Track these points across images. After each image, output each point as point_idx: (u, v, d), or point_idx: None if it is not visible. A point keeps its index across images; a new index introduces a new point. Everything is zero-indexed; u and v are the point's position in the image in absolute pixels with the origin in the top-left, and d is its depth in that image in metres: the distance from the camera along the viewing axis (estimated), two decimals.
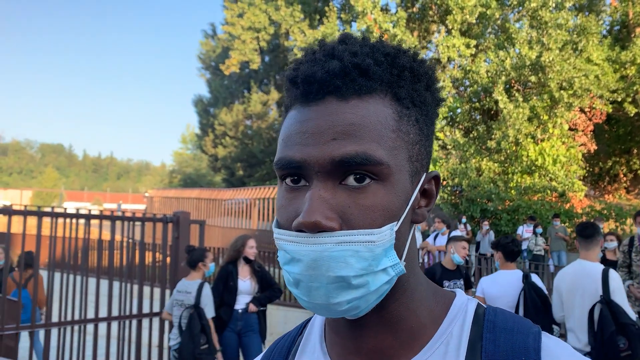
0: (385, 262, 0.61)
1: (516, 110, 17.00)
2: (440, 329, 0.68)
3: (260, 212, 18.66)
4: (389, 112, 0.63)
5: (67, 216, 5.41)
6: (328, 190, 0.60)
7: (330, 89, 0.62)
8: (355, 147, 0.59)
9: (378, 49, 0.66)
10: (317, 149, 0.60)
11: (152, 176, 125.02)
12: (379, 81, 0.63)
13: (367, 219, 0.60)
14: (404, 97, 0.65)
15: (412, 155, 0.66)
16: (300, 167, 0.62)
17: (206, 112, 37.06)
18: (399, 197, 0.63)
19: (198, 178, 45.75)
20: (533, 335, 0.66)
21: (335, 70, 0.62)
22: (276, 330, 8.71)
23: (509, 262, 4.45)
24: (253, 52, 29.65)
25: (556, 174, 17.35)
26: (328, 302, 0.60)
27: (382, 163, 0.60)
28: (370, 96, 0.63)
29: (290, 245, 0.61)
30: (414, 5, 21.87)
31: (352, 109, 0.61)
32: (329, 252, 0.58)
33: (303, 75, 0.63)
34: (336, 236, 0.59)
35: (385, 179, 0.61)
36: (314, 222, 0.58)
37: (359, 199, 0.60)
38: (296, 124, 0.64)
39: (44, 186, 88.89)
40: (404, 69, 0.65)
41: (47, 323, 5.20)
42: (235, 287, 5.26)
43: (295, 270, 0.61)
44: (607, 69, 17.88)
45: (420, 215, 0.69)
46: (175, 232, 6.28)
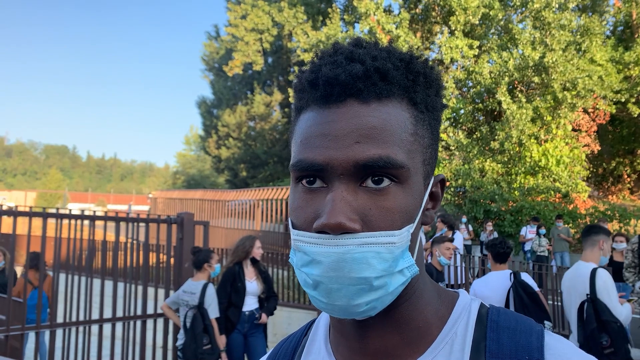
0: (402, 264, 0.62)
1: (519, 111, 16.97)
2: (444, 329, 0.69)
3: (264, 213, 18.67)
4: (406, 116, 0.65)
5: (72, 217, 5.43)
6: (350, 192, 0.61)
7: (352, 92, 0.63)
8: (378, 150, 0.60)
9: (394, 53, 0.67)
10: (340, 152, 0.61)
11: (155, 177, 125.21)
12: (397, 85, 0.65)
13: (387, 220, 0.61)
14: (419, 101, 0.67)
15: (426, 159, 0.68)
16: (322, 170, 0.62)
17: (209, 113, 37.12)
18: (415, 199, 0.65)
19: (201, 179, 45.80)
20: (536, 334, 0.66)
21: (358, 73, 0.62)
22: (280, 331, 8.72)
23: (498, 264, 4.51)
24: (256, 54, 29.69)
25: (560, 175, 17.31)
26: (348, 304, 0.61)
27: (404, 166, 0.62)
28: (389, 100, 0.64)
29: (310, 247, 0.61)
30: (417, 6, 21.87)
31: (374, 112, 0.62)
32: (351, 254, 0.59)
33: (325, 77, 0.63)
34: (359, 237, 0.59)
35: (404, 181, 0.63)
36: (338, 224, 0.58)
37: (379, 200, 0.61)
38: (316, 125, 0.64)
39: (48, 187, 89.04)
40: (419, 74, 0.67)
41: (52, 324, 5.22)
42: (243, 288, 5.27)
43: (315, 272, 0.61)
44: (611, 70, 17.85)
45: (429, 217, 0.70)
46: (180, 233, 6.29)
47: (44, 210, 5.14)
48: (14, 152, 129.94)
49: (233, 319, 5.22)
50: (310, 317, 8.68)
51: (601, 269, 3.79)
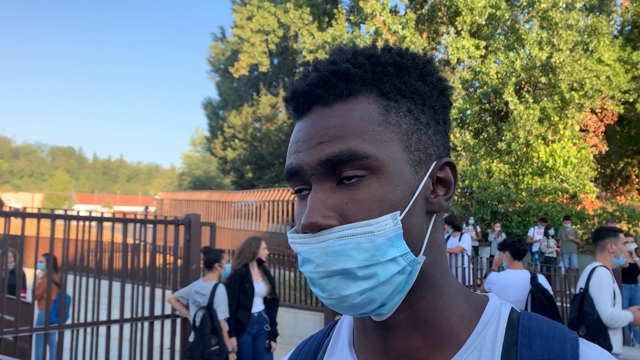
0: (392, 252, 0.62)
1: (527, 112, 16.90)
2: (473, 334, 0.67)
3: (270, 214, 18.68)
4: (373, 108, 0.66)
5: (80, 219, 5.44)
6: (325, 192, 0.64)
7: (313, 99, 0.67)
8: (339, 145, 0.63)
9: (362, 53, 0.69)
10: (307, 154, 0.65)
11: (161, 179, 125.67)
12: (360, 82, 0.66)
13: (364, 212, 0.62)
14: (389, 91, 0.67)
15: (410, 145, 0.66)
16: (297, 173, 0.66)
17: (215, 114, 37.18)
18: (397, 187, 0.64)
19: (207, 180, 45.89)
20: (570, 342, 0.64)
21: (314, 81, 0.66)
22: (287, 333, 8.71)
23: (516, 261, 4.53)
24: (262, 55, 29.72)
25: (567, 176, 17.22)
26: (340, 295, 0.62)
27: (369, 156, 0.63)
28: (354, 97, 0.66)
29: (300, 247, 0.64)
30: (423, 6, 21.82)
31: (336, 112, 0.65)
32: (331, 248, 0.61)
33: (290, 92, 0.70)
34: (336, 232, 0.61)
35: (377, 171, 0.63)
36: (311, 223, 0.62)
37: (354, 194, 0.63)
38: (293, 137, 0.69)
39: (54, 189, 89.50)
40: (387, 65, 0.67)
41: (60, 325, 5.23)
42: (252, 289, 5.29)
43: (308, 269, 0.64)
44: (619, 70, 17.74)
45: (437, 204, 0.68)
46: (187, 234, 6.29)
47: (52, 211, 5.15)
48: (21, 153, 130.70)
49: (243, 321, 5.23)
50: (317, 318, 8.66)
51: (601, 268, 3.86)
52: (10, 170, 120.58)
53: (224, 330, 5.03)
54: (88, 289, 5.55)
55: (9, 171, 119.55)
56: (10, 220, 4.89)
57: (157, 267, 6.46)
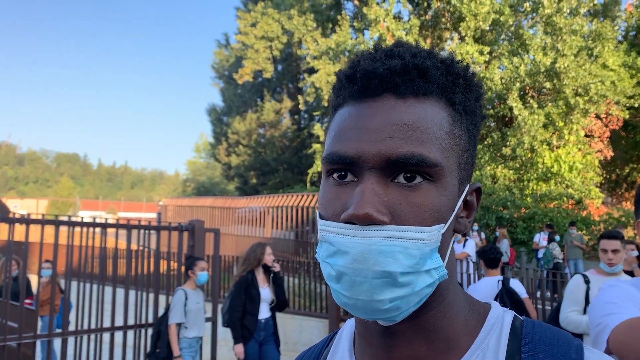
0: (429, 264, 0.61)
1: (531, 117, 16.86)
2: (476, 341, 0.66)
3: (274, 220, 18.65)
4: (443, 115, 0.64)
5: (84, 225, 5.44)
6: (380, 186, 0.61)
7: (389, 86, 0.63)
8: (411, 147, 0.60)
9: (434, 55, 0.67)
10: (372, 146, 0.60)
11: (165, 185, 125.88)
12: (436, 84, 0.64)
13: (417, 217, 0.60)
14: (457, 103, 0.66)
15: (462, 162, 0.67)
16: (353, 163, 0.62)
17: (220, 121, 37.23)
18: (448, 199, 0.63)
19: (211, 186, 45.90)
20: (575, 348, 0.64)
21: (396, 67, 0.62)
22: (291, 340, 8.67)
23: (491, 269, 4.61)
24: (266, 61, 29.78)
25: (572, 181, 17.15)
26: (371, 299, 0.59)
27: (437, 165, 0.61)
28: (426, 97, 0.64)
29: (336, 237, 0.60)
30: (427, 12, 21.84)
31: (409, 108, 0.62)
32: (377, 246, 0.58)
33: (363, 71, 0.64)
34: (387, 230, 0.58)
35: (437, 179, 0.62)
36: (366, 214, 0.58)
37: (410, 196, 0.61)
38: (350, 119, 0.64)
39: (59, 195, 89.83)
40: (459, 76, 0.67)
41: (64, 332, 5.22)
42: (258, 295, 5.28)
43: (340, 263, 0.59)
44: (624, 75, 17.69)
45: (462, 225, 0.69)
46: (191, 240, 6.28)
47: (56, 218, 5.15)
48: (26, 160, 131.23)
49: (250, 327, 5.20)
50: (321, 325, 8.62)
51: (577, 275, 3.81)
52: (16, 176, 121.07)
53: (170, 336, 5.00)
54: (92, 295, 5.54)
55: (14, 178, 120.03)
56: (14, 226, 4.89)
57: (161, 273, 6.45)
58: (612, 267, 3.62)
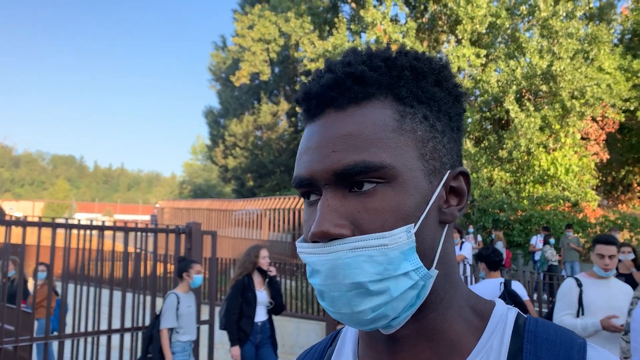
0: (406, 266, 0.59)
1: (527, 120, 16.91)
2: (480, 342, 0.65)
3: (271, 222, 18.65)
4: (388, 113, 0.63)
5: (80, 227, 5.43)
6: (337, 199, 0.61)
7: (327, 101, 0.64)
8: (354, 156, 0.60)
9: (377, 55, 0.66)
10: (319, 164, 0.62)
11: (162, 187, 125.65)
12: (376, 85, 0.64)
13: (377, 222, 0.60)
14: (405, 96, 0.65)
15: (425, 153, 0.64)
16: (310, 184, 0.63)
17: (216, 123, 37.22)
18: (412, 196, 0.62)
19: (208, 189, 45.83)
20: (577, 346, 0.63)
21: (329, 82, 0.63)
22: (288, 342, 8.66)
23: (492, 272, 4.63)
24: (263, 64, 29.79)
25: (569, 184, 17.21)
26: (352, 311, 0.59)
27: (384, 166, 0.60)
28: (368, 101, 0.63)
29: (309, 257, 0.62)
30: (424, 15, 21.90)
31: (350, 118, 0.62)
32: (342, 260, 0.58)
33: (302, 94, 0.66)
34: (348, 242, 0.59)
35: (392, 179, 0.61)
36: (322, 231, 0.59)
37: (367, 203, 0.60)
38: (304, 142, 0.66)
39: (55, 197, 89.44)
40: (404, 68, 0.65)
41: (61, 335, 5.20)
42: (254, 298, 5.26)
43: (317, 281, 0.61)
44: (619, 78, 17.77)
45: (450, 214, 0.66)
46: (188, 243, 6.27)
47: (53, 220, 5.14)
48: (22, 162, 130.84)
49: (246, 330, 5.19)
50: (319, 327, 8.61)
51: (568, 278, 3.80)
52: (11, 178, 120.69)
53: (162, 340, 4.96)
54: (89, 298, 5.53)
55: (10, 180, 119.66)
56: (11, 229, 4.88)
57: (158, 276, 6.43)
58: (607, 272, 3.63)
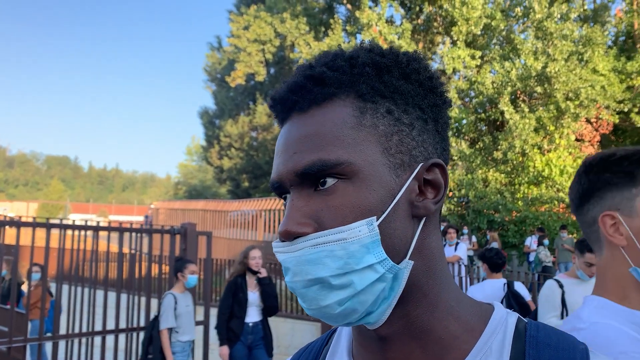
0: (369, 259, 0.59)
1: (522, 121, 16.96)
2: (478, 343, 0.64)
3: (266, 223, 18.63)
4: (347, 111, 0.64)
5: (75, 228, 5.41)
6: (302, 199, 0.63)
7: (290, 105, 0.66)
8: (311, 156, 0.62)
9: (342, 55, 0.67)
10: (284, 166, 0.64)
11: (157, 188, 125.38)
12: (336, 85, 0.64)
13: (337, 218, 0.61)
14: (365, 92, 0.65)
15: (390, 147, 0.64)
16: (279, 186, 0.66)
17: (212, 123, 37.18)
18: (374, 191, 0.61)
19: (203, 190, 45.77)
20: (580, 352, 0.63)
21: (290, 86, 0.66)
22: (283, 343, 8.65)
23: (494, 273, 4.71)
24: (259, 64, 29.77)
25: (563, 185, 17.26)
26: (319, 306, 0.61)
27: (341, 162, 0.61)
28: (330, 101, 0.64)
29: (280, 255, 0.64)
30: (419, 17, 21.95)
31: (309, 120, 0.64)
32: (306, 256, 0.60)
33: (270, 100, 0.69)
34: (310, 239, 0.60)
35: (352, 176, 0.61)
36: (285, 231, 0.61)
37: (329, 200, 0.62)
38: (276, 146, 0.68)
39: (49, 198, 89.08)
40: (365, 65, 0.65)
41: (55, 335, 5.18)
42: (245, 299, 5.26)
43: (288, 279, 0.63)
44: (613, 80, 17.85)
45: (423, 207, 0.65)
46: (183, 243, 6.26)
47: (48, 220, 5.11)
48: (16, 162, 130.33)
49: (236, 330, 5.20)
50: (313, 328, 8.61)
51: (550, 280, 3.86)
52: (5, 179, 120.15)
53: (163, 341, 4.97)
54: (83, 299, 5.51)
55: (4, 180, 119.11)
56: (4, 229, 4.86)
57: (153, 276, 6.42)
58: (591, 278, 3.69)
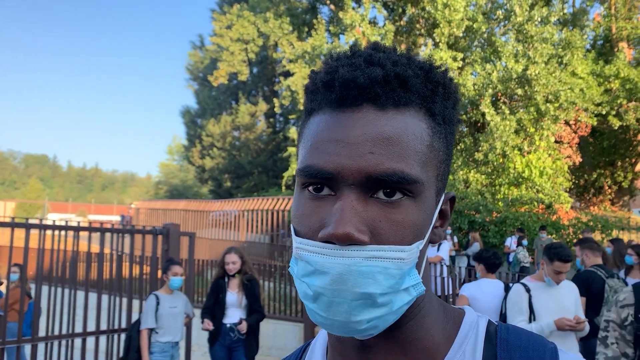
0: (408, 281, 0.59)
1: (503, 123, 17.16)
2: (452, 349, 0.65)
3: (249, 223, 18.55)
4: (424, 127, 0.61)
5: (55, 228, 5.33)
6: (360, 202, 0.58)
7: (369, 97, 0.59)
8: (393, 164, 0.57)
9: (413, 61, 0.64)
10: (352, 161, 0.57)
11: (137, 187, 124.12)
12: (417, 94, 0.61)
13: (398, 234, 0.58)
14: (437, 113, 0.64)
15: (439, 174, 0.65)
16: (332, 179, 0.58)
17: (194, 123, 36.95)
18: (426, 214, 0.61)
19: (184, 189, 45.45)
20: (550, 352, 0.64)
21: (377, 77, 0.59)
22: (266, 344, 8.62)
23: (489, 273, 4.73)
24: (241, 64, 29.68)
25: (543, 186, 17.50)
26: (348, 320, 0.57)
27: (418, 181, 0.59)
28: (407, 108, 0.61)
29: (314, 256, 0.57)
30: (402, 18, 22.08)
31: (390, 121, 0.59)
32: (357, 267, 0.55)
33: (342, 79, 0.60)
34: (367, 250, 0.56)
35: (417, 195, 0.60)
36: (346, 234, 0.55)
37: (390, 213, 0.58)
38: (327, 130, 0.60)
39: (27, 197, 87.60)
40: (438, 84, 0.64)
41: (34, 337, 5.10)
42: (223, 301, 5.24)
43: (318, 284, 0.57)
44: (592, 83, 18.16)
45: (437, 235, 0.67)
46: (165, 244, 6.21)
47: (27, 220, 5.03)
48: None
49: (215, 331, 5.19)
50: (296, 329, 8.60)
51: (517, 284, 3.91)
52: None
53: (141, 341, 4.96)
54: (63, 300, 5.43)
55: None
56: None
57: (134, 277, 6.36)
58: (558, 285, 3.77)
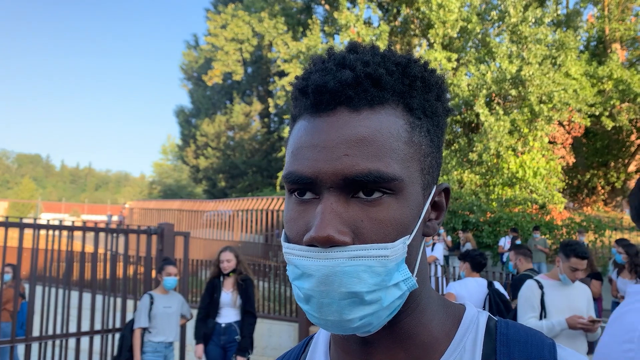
0: (397, 277, 0.60)
1: (497, 123, 17.23)
2: (452, 343, 0.66)
3: (243, 223, 18.53)
4: (401, 124, 0.62)
5: (49, 228, 5.31)
6: (340, 204, 0.59)
7: (341, 99, 0.60)
8: (368, 164, 0.58)
9: (389, 58, 0.64)
10: (329, 165, 0.59)
11: (131, 187, 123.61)
12: (391, 91, 0.62)
13: (380, 233, 0.59)
14: (415, 107, 0.64)
15: (424, 168, 0.65)
16: (311, 183, 0.60)
17: (188, 122, 36.90)
18: (411, 210, 0.62)
19: (179, 189, 45.36)
20: (548, 347, 0.65)
21: (347, 80, 0.60)
22: (260, 344, 8.62)
23: (474, 272, 4.84)
24: (236, 63, 29.67)
25: (536, 186, 17.58)
26: (341, 319, 0.58)
27: (396, 178, 0.59)
28: (382, 107, 0.61)
29: (301, 260, 0.59)
30: (396, 19, 22.12)
31: (364, 121, 0.60)
32: (341, 267, 0.57)
33: (314, 85, 0.61)
34: (349, 251, 0.57)
35: (398, 192, 0.60)
36: (326, 237, 0.56)
37: (371, 212, 0.59)
38: (306, 135, 0.62)
39: (20, 197, 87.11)
40: (416, 78, 0.64)
41: (28, 337, 5.07)
42: (217, 300, 5.23)
43: (306, 286, 0.59)
44: (585, 84, 18.26)
45: (431, 228, 0.67)
46: (159, 244, 6.20)
47: (21, 220, 5.01)
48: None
49: (208, 331, 5.18)
50: (291, 329, 8.60)
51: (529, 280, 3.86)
52: None
53: (133, 340, 4.95)
54: (57, 300, 5.41)
55: None
56: None
57: (128, 277, 6.34)
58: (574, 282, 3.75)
